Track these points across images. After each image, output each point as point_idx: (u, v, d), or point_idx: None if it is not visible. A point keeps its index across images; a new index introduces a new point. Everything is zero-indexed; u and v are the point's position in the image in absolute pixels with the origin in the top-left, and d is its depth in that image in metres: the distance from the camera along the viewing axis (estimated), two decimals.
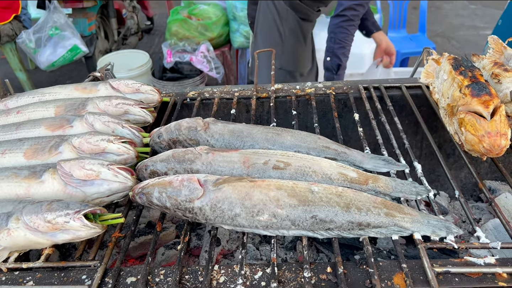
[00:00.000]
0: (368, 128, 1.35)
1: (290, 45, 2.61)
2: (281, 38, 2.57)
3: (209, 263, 0.88)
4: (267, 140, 1.14)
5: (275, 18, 2.54)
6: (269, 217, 0.89)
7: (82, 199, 0.98)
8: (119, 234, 0.98)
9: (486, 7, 7.19)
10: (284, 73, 2.62)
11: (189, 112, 1.56)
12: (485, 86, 1.08)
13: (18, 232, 0.88)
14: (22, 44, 4.02)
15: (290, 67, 2.65)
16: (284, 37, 2.58)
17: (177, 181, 0.94)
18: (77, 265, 0.91)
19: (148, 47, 6.11)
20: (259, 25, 2.65)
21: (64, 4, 4.17)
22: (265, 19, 2.59)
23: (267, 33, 2.60)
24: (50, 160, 1.08)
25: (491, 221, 1.35)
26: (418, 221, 0.91)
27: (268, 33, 2.59)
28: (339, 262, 0.86)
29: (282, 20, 2.54)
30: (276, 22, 2.54)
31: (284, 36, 2.58)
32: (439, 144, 1.63)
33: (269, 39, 2.59)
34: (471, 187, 1.71)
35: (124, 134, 1.19)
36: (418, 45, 4.45)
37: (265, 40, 2.63)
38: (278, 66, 2.58)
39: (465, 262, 0.85)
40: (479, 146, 1.03)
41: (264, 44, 2.62)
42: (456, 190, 1.05)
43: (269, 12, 2.54)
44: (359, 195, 0.94)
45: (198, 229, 1.46)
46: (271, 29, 2.58)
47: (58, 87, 1.45)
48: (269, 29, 2.58)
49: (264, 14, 2.59)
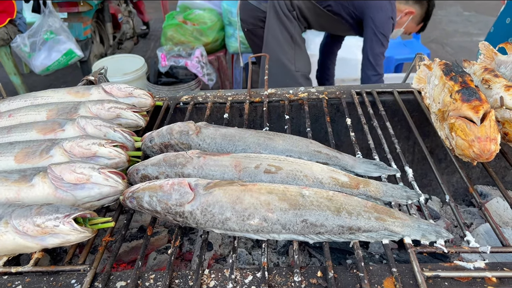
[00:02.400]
0: (360, 133, 1.36)
1: (300, 48, 2.67)
2: (294, 40, 2.65)
3: (199, 268, 0.88)
4: (259, 145, 1.14)
5: (287, 22, 2.59)
6: (259, 221, 0.89)
7: (72, 203, 0.97)
8: (109, 238, 0.98)
9: (480, 14, 7.25)
10: (302, 76, 2.69)
11: (182, 116, 1.56)
12: (475, 92, 1.09)
13: (7, 236, 0.87)
14: (16, 48, 4.00)
15: (304, 69, 2.71)
16: (296, 40, 2.63)
17: (168, 185, 0.93)
18: (66, 270, 0.90)
19: (143, 51, 6.11)
20: (271, 28, 2.69)
21: (59, 9, 4.16)
22: (277, 23, 2.64)
23: (279, 35, 2.66)
24: (41, 164, 1.07)
25: (482, 226, 1.35)
26: (409, 225, 0.92)
27: (280, 35, 2.65)
28: (330, 266, 0.86)
29: (293, 24, 2.60)
30: (288, 25, 2.60)
31: (296, 39, 2.64)
32: (431, 149, 1.64)
33: (282, 41, 2.65)
34: (463, 192, 1.72)
35: (116, 138, 1.18)
36: (412, 51, 4.48)
37: (278, 43, 2.68)
38: (295, 69, 2.63)
39: (455, 267, 0.85)
40: (469, 150, 1.03)
41: (278, 46, 2.67)
42: (447, 195, 1.06)
43: (281, 16, 2.61)
44: (349, 199, 0.94)
45: (191, 233, 1.46)
46: (283, 32, 2.64)
47: (50, 91, 1.45)
48: (281, 31, 2.65)
49: (275, 19, 2.64)
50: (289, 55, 2.67)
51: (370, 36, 2.53)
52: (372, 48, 2.55)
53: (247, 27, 3.02)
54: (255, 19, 2.90)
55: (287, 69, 2.66)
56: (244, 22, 3.02)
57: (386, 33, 2.51)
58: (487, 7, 7.44)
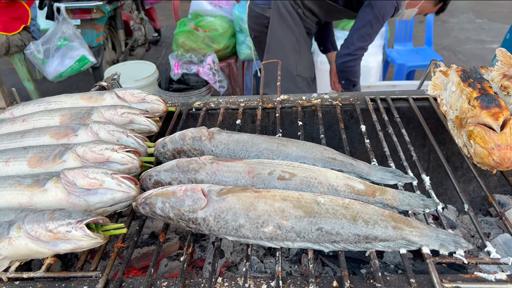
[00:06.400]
0: (375, 140, 1.34)
1: (304, 51, 2.62)
2: (298, 43, 2.57)
3: (212, 275, 0.86)
4: (272, 151, 1.13)
5: (291, 24, 2.54)
6: (274, 228, 0.87)
7: (85, 209, 0.97)
8: (121, 245, 0.97)
9: (492, 22, 7.19)
10: (303, 80, 2.62)
11: (194, 122, 1.55)
12: (495, 98, 1.07)
13: (19, 241, 0.86)
14: (30, 55, 4.05)
15: (306, 73, 2.65)
16: (300, 43, 2.58)
17: (181, 191, 0.92)
18: (78, 276, 0.89)
19: (155, 58, 6.16)
20: (274, 30, 2.63)
21: (73, 15, 4.22)
22: (281, 25, 2.58)
23: (282, 37, 2.59)
24: (54, 169, 1.07)
25: (500, 236, 1.32)
26: (427, 235, 0.89)
27: (285, 37, 2.58)
28: (346, 276, 0.84)
29: (298, 26, 2.54)
30: (292, 27, 2.54)
31: (300, 42, 2.58)
32: (447, 157, 1.60)
33: (286, 44, 2.59)
34: (480, 201, 1.68)
35: (129, 143, 1.18)
36: (425, 58, 4.44)
37: (281, 45, 2.60)
38: (297, 73, 2.57)
39: (476, 278, 0.83)
40: (489, 159, 1.01)
41: (280, 49, 2.60)
42: (465, 203, 1.03)
43: (286, 18, 2.55)
44: (366, 207, 0.92)
45: (202, 240, 1.44)
46: (287, 34, 2.57)
47: (64, 96, 1.45)
48: (285, 34, 2.57)
49: (279, 21, 2.58)
50: (291, 58, 2.57)
51: (364, 15, 2.38)
52: (361, 26, 2.39)
53: (253, 33, 3.01)
54: (260, 25, 2.86)
55: (288, 72, 2.56)
56: (251, 28, 3.01)
57: (382, 15, 2.33)
58: (500, 14, 7.38)
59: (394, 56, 4.50)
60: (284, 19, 2.55)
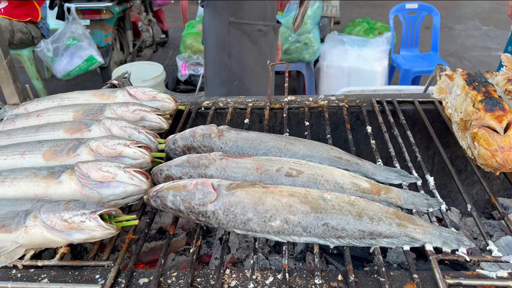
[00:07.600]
0: (380, 141, 1.36)
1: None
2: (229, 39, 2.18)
3: (220, 267, 0.89)
4: (279, 149, 1.16)
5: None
6: (281, 223, 0.90)
7: (98, 201, 1.00)
8: (133, 236, 1.00)
9: (499, 29, 7.19)
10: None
11: (203, 121, 1.58)
12: (499, 101, 1.09)
13: (35, 230, 0.89)
14: (40, 53, 4.12)
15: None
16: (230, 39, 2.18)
17: (191, 185, 0.95)
18: (91, 265, 0.92)
19: (162, 59, 6.21)
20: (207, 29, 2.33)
21: (82, 16, 4.28)
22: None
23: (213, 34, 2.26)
24: (68, 162, 1.10)
25: (502, 238, 1.33)
26: (430, 232, 0.91)
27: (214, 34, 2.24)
28: (350, 270, 0.86)
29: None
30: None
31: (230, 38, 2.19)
32: (451, 160, 1.61)
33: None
34: (483, 204, 1.70)
35: (140, 139, 1.21)
36: (430, 64, 4.46)
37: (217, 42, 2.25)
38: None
39: (477, 275, 0.85)
40: (492, 160, 1.03)
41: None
42: (468, 204, 1.05)
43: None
44: (371, 204, 0.94)
45: (208, 236, 1.47)
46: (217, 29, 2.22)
47: (76, 93, 1.49)
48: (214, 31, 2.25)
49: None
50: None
51: None
52: None
53: None
54: None
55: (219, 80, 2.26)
56: None
57: None
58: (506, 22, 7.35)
59: (400, 62, 4.52)
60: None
